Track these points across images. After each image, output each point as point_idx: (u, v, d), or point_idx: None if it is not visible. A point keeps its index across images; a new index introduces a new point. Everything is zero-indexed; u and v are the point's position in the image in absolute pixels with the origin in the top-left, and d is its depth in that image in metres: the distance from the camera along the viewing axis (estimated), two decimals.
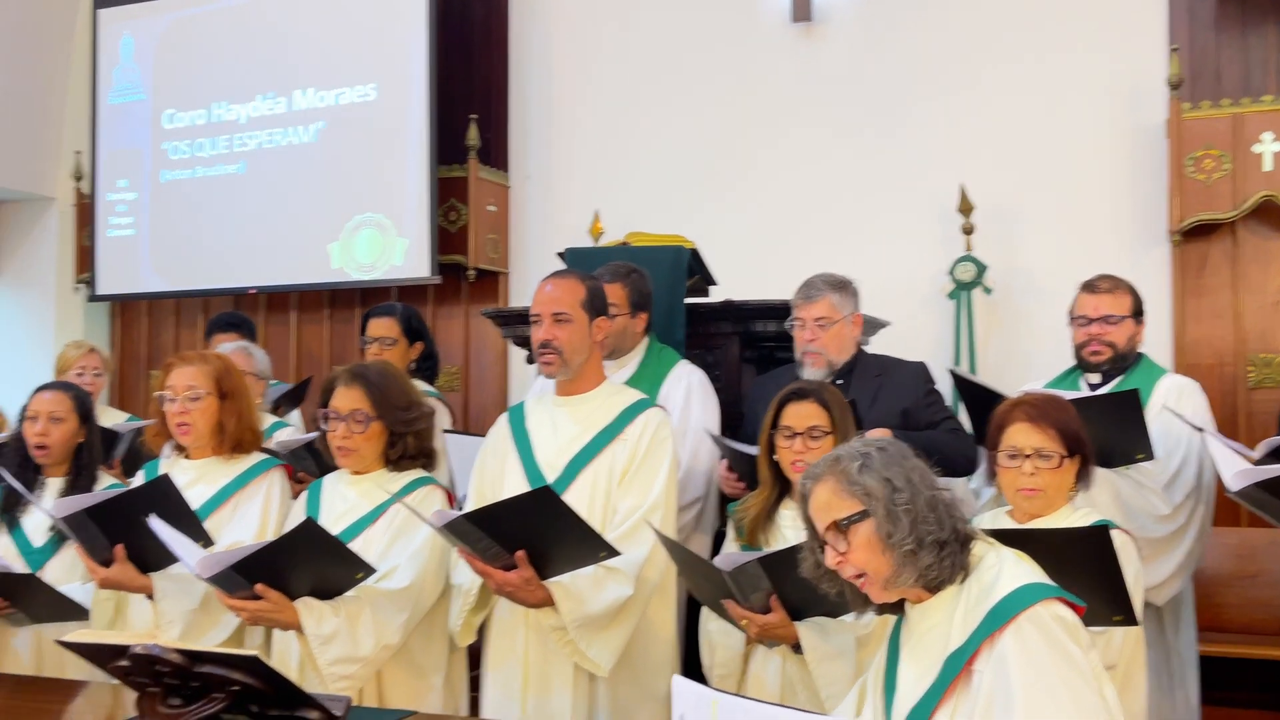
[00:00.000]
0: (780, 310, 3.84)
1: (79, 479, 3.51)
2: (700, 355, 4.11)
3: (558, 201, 6.07)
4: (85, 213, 6.74)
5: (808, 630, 2.67)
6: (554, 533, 2.74)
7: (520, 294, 6.03)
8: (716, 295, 4.31)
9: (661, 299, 3.95)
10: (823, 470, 2.07)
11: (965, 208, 5.26)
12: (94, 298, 6.69)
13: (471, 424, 5.94)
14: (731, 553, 2.83)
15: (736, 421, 3.84)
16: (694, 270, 4.19)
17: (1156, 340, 4.81)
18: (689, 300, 4.11)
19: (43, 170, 6.84)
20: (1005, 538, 2.20)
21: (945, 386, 3.81)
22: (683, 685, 2.08)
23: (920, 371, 3.75)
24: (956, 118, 5.43)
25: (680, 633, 3.28)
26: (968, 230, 5.28)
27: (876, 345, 4.43)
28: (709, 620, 2.97)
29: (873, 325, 4.43)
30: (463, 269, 5.94)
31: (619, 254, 4.10)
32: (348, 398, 3.03)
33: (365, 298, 6.22)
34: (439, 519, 2.72)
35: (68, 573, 3.34)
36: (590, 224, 5.58)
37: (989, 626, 1.92)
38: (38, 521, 3.43)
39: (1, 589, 3.31)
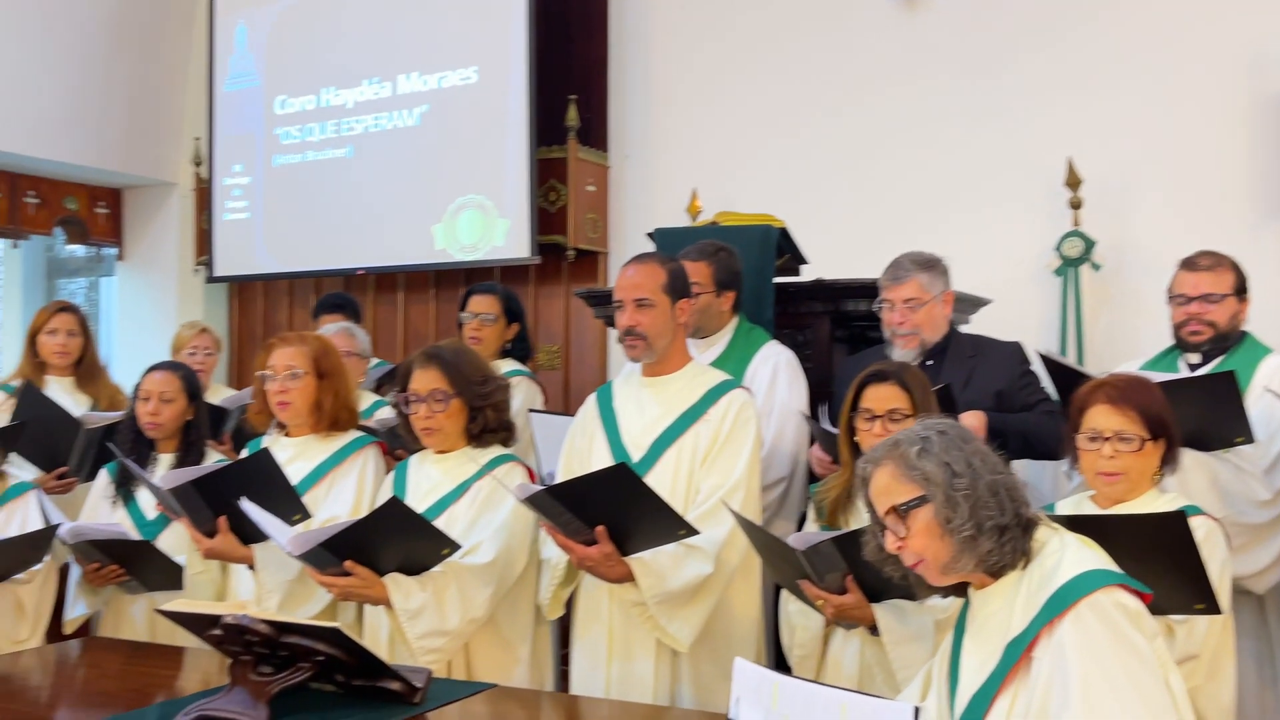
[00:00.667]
0: (872, 289, 3.80)
1: (188, 455, 3.67)
2: (790, 335, 4.10)
3: (656, 180, 6.08)
4: (203, 197, 6.99)
5: (884, 612, 2.66)
6: (633, 509, 2.77)
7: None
8: (809, 274, 4.29)
9: (750, 279, 3.95)
10: (882, 454, 2.07)
11: (1073, 181, 5.12)
12: (212, 279, 6.95)
13: (572, 401, 6.00)
14: (806, 532, 2.83)
15: (826, 402, 3.82)
16: (784, 249, 4.17)
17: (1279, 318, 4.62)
18: (779, 280, 4.10)
19: (165, 156, 7.12)
20: (1080, 524, 2.16)
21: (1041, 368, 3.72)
22: (744, 667, 2.11)
23: (1015, 352, 3.69)
24: (1064, 87, 5.26)
25: (766, 613, 3.29)
26: (1076, 204, 5.13)
27: (977, 324, 4.35)
28: (789, 602, 2.97)
29: (973, 303, 4.35)
30: (563, 249, 6.00)
31: (708, 234, 4.10)
32: (425, 379, 3.11)
33: (469, 278, 6.30)
34: (521, 492, 2.78)
35: (179, 545, 3.48)
36: (688, 202, 5.60)
37: (1048, 613, 1.89)
38: (150, 496, 3.60)
39: (118, 556, 3.50)
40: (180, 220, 7.15)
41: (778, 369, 3.69)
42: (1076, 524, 2.15)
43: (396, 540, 2.84)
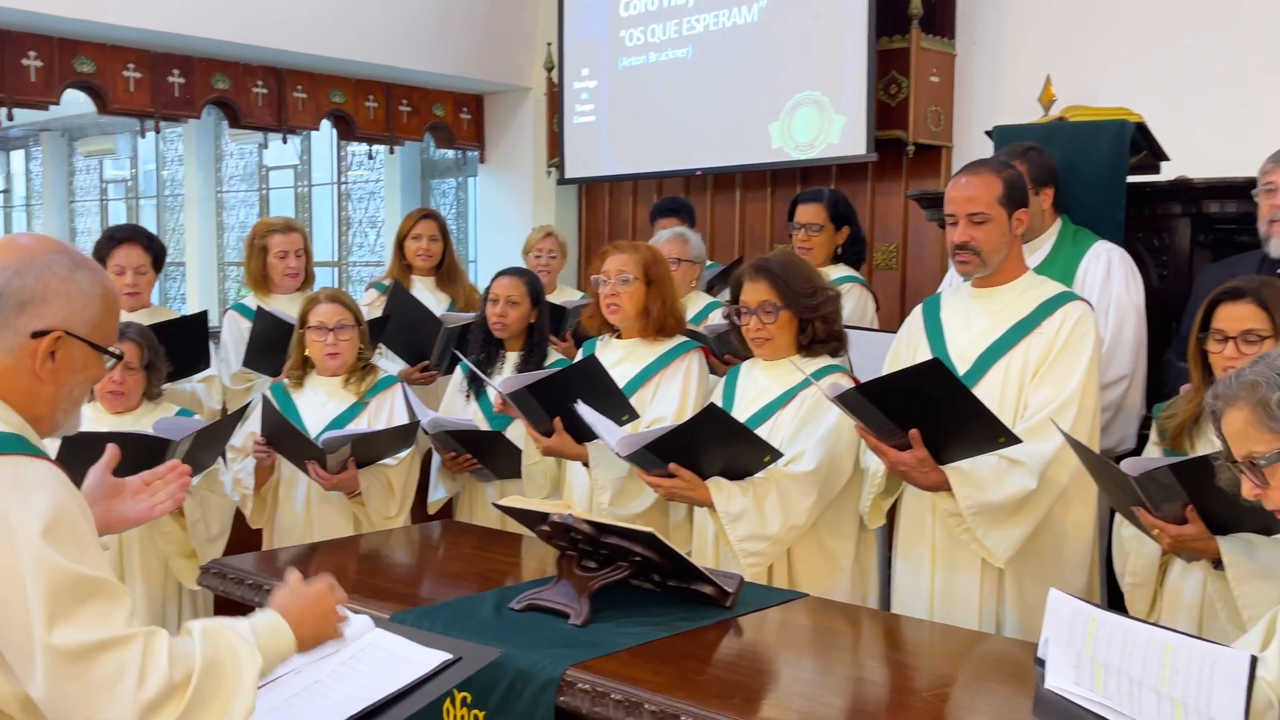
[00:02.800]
0: (1242, 189, 3.44)
1: (531, 354, 3.92)
2: (1145, 238, 3.82)
3: (1006, 69, 5.72)
4: (554, 101, 7.28)
5: (1230, 545, 2.45)
6: (947, 411, 2.68)
7: None
8: (1169, 172, 3.93)
9: (1100, 178, 3.70)
10: (1237, 393, 1.87)
11: None
12: (562, 181, 7.27)
13: (908, 301, 5.87)
14: (1141, 458, 2.64)
15: (1181, 311, 3.53)
16: (1140, 145, 3.84)
17: None
18: (1133, 179, 3.79)
19: (521, 63, 7.47)
20: None
21: None
22: (1059, 600, 2.02)
23: None
24: None
25: (1101, 536, 3.13)
26: None
27: None
28: (1122, 526, 2.81)
29: None
30: (902, 144, 5.80)
31: (1054, 131, 3.85)
32: (755, 291, 3.14)
33: (805, 176, 6.27)
34: (832, 390, 2.76)
35: (524, 438, 3.74)
36: (1041, 91, 5.23)
37: None
38: None
39: (471, 446, 3.82)
40: (534, 124, 7.50)
41: (1111, 264, 3.50)
42: None
43: (718, 445, 2.92)
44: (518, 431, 3.74)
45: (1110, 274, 3.48)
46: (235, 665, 1.65)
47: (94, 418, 3.50)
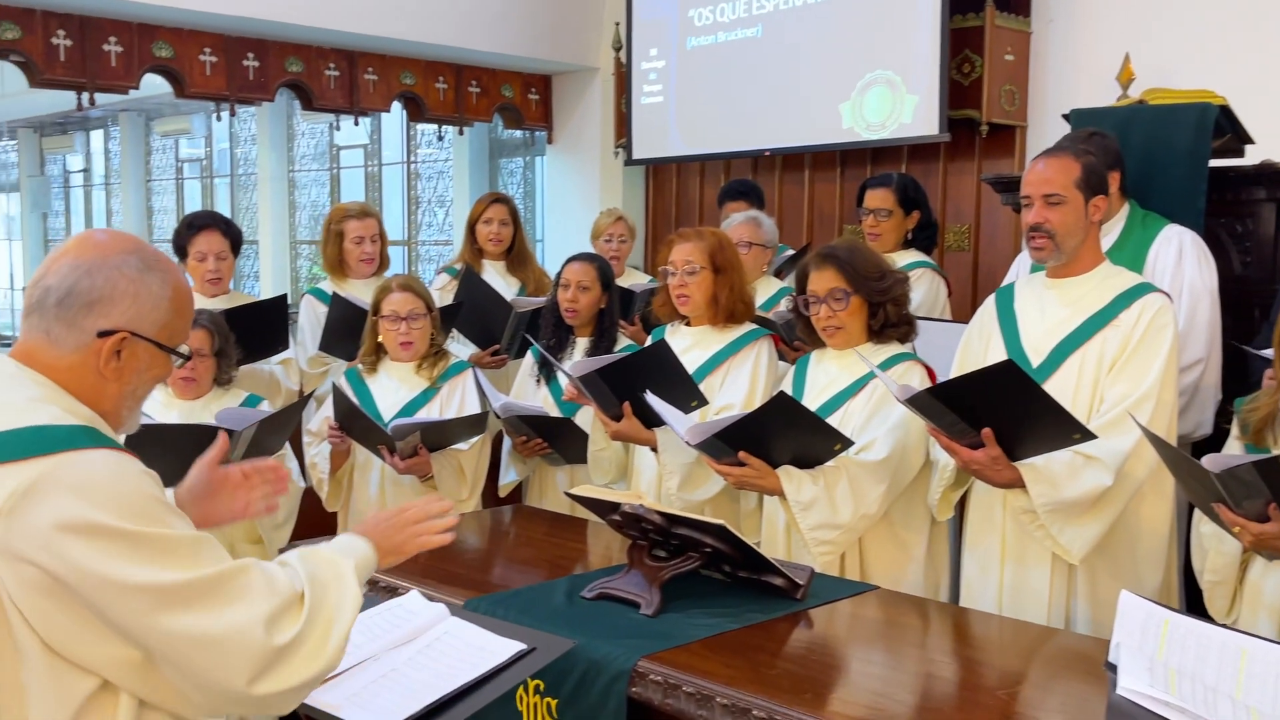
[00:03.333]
0: None
1: (601, 340, 3.94)
2: (1228, 224, 3.74)
3: (1083, 47, 5.59)
4: (622, 81, 7.26)
5: None
6: (1021, 410, 2.65)
7: (1038, 149, 5.68)
8: (1253, 156, 3.83)
9: (1181, 163, 3.61)
10: None
11: None
12: (630, 162, 7.26)
13: (980, 285, 5.80)
14: (1222, 454, 2.59)
15: (1262, 297, 3.46)
16: (1223, 128, 3.75)
17: None
18: (1216, 163, 3.70)
19: (589, 42, 7.46)
20: None
21: None
22: (1130, 603, 2.00)
23: None
24: None
25: (1178, 531, 3.08)
26: None
27: None
28: (1201, 522, 2.76)
29: None
30: (975, 124, 5.71)
31: (1134, 114, 3.77)
32: (823, 279, 3.13)
33: (875, 157, 6.20)
34: (903, 393, 2.75)
35: (591, 424, 3.76)
36: (1119, 70, 5.12)
37: None
38: None
39: (542, 431, 3.85)
40: (601, 105, 7.49)
41: (1183, 248, 3.43)
42: None
43: (788, 434, 2.92)
44: (587, 417, 3.76)
45: (1182, 257, 3.42)
46: (334, 571, 1.75)
47: (165, 403, 3.59)
